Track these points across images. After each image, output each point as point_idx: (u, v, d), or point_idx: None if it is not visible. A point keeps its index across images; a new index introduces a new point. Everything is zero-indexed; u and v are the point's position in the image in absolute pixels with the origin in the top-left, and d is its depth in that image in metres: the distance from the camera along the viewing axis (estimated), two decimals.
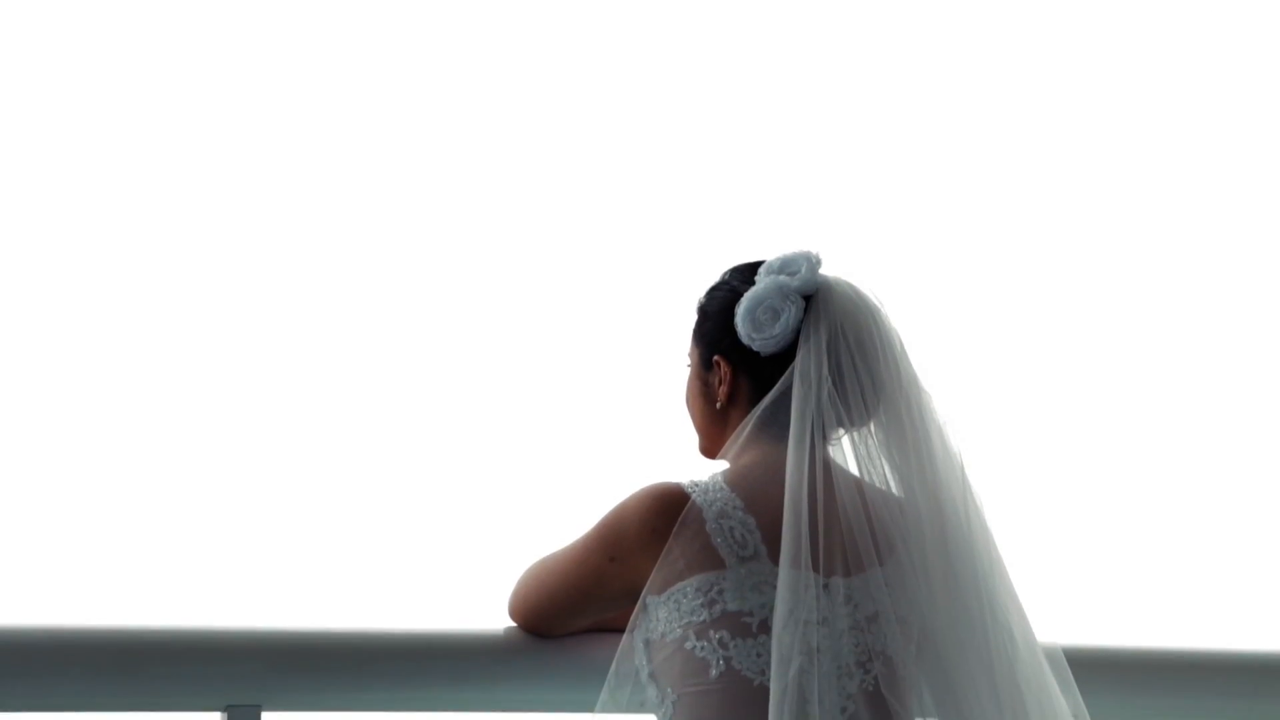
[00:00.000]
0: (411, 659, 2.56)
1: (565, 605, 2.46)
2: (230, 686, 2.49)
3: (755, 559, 2.30)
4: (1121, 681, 2.79)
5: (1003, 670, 2.29)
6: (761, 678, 2.27)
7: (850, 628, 2.28)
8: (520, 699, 2.59)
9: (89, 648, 2.47)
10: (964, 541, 2.33)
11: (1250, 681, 2.87)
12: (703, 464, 2.49)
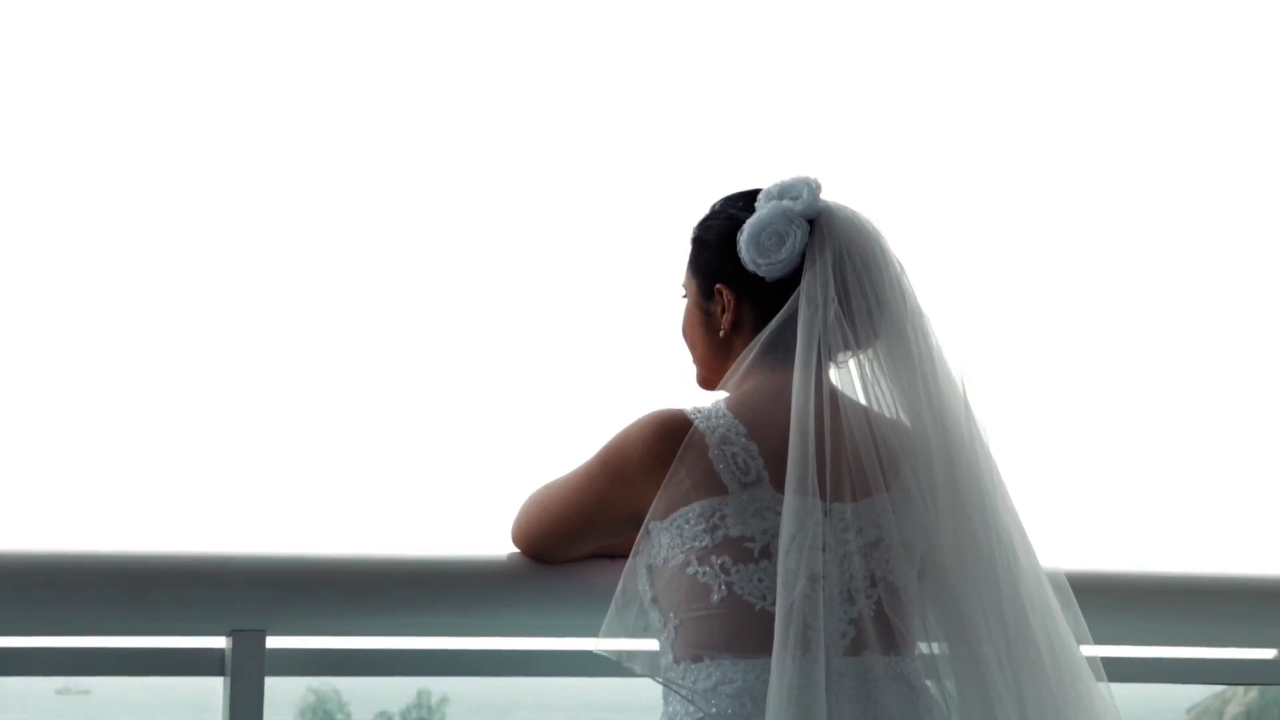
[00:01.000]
0: (415, 585, 2.57)
1: (568, 531, 2.47)
2: (235, 612, 2.51)
3: (757, 485, 2.30)
4: (1123, 606, 2.80)
5: (1008, 592, 2.30)
6: (763, 603, 2.28)
7: (853, 553, 2.29)
8: (524, 625, 2.60)
9: (95, 574, 2.48)
10: (969, 466, 2.33)
11: (1250, 605, 2.88)
12: (701, 395, 2.49)
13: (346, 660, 2.61)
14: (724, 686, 2.26)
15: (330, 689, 16.47)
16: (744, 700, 2.25)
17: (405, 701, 16.70)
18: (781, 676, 2.19)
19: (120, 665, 2.53)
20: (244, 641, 2.50)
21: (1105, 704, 2.34)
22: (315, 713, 16.44)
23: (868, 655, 2.27)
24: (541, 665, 2.69)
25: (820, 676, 2.19)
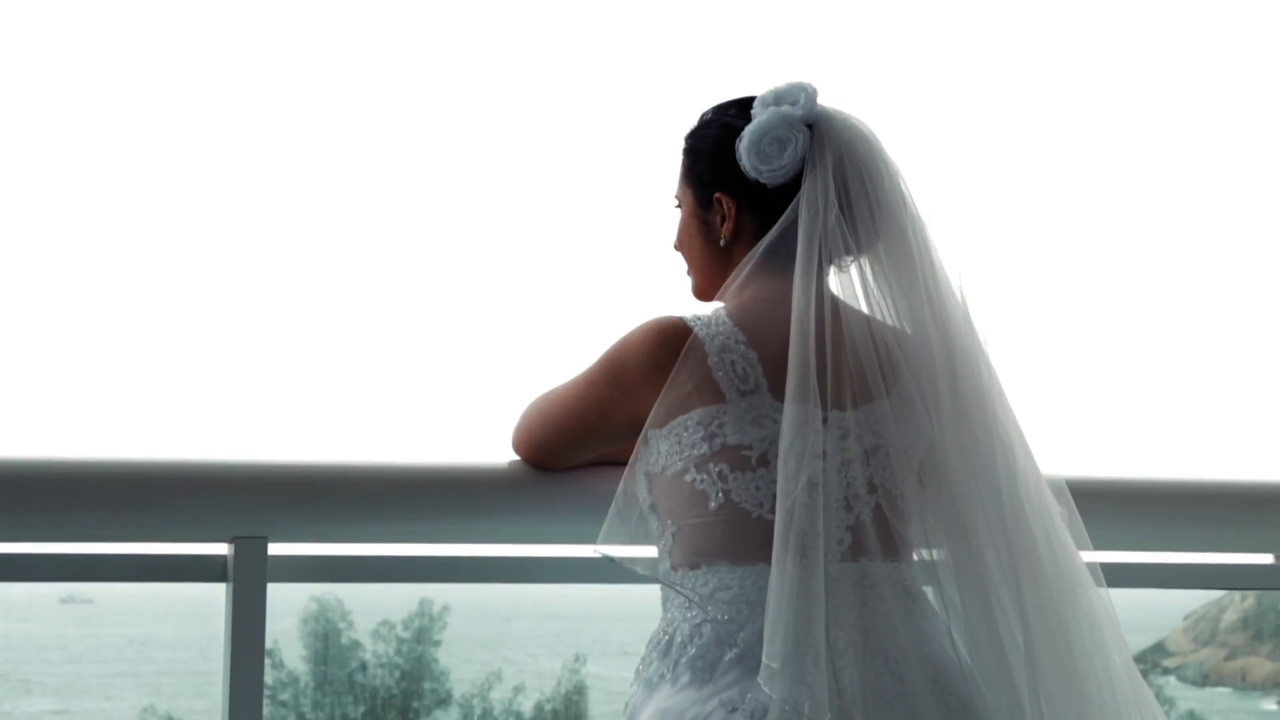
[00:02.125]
0: (416, 492, 2.58)
1: (568, 439, 2.47)
2: (237, 519, 2.52)
3: (756, 393, 2.30)
4: (1122, 512, 2.81)
5: (1008, 497, 2.30)
6: (760, 510, 2.28)
7: (852, 460, 2.29)
8: (524, 531, 2.61)
9: (98, 481, 2.49)
10: (970, 371, 2.33)
11: (1248, 511, 2.90)
12: (698, 305, 2.49)
13: (348, 567, 2.62)
14: (721, 593, 2.27)
15: (333, 598, 16.55)
16: (740, 606, 2.26)
17: (407, 611, 16.77)
18: (781, 582, 2.19)
19: (124, 571, 2.55)
20: (246, 548, 2.51)
21: (1104, 609, 2.35)
22: (318, 621, 16.51)
23: (864, 561, 2.28)
24: (542, 572, 2.71)
25: (819, 582, 2.20)
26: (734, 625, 2.26)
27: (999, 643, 2.27)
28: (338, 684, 16.31)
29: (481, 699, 16.37)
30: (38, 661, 19.46)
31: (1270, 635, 18.68)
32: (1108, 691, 2.29)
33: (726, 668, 2.24)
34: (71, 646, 19.60)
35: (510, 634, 18.68)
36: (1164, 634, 19.12)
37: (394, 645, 16.58)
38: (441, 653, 16.66)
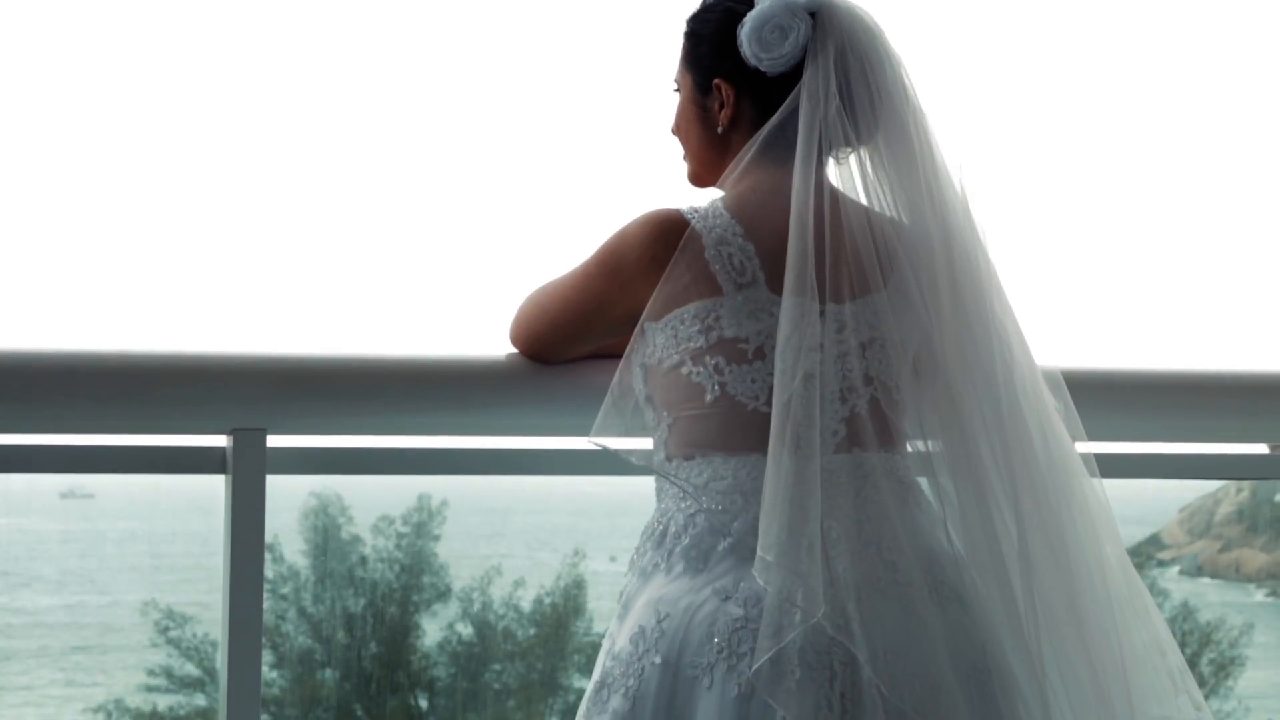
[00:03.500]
0: (414, 384, 2.59)
1: (566, 331, 2.47)
2: (236, 411, 2.53)
3: (753, 286, 2.30)
4: (1117, 402, 2.82)
5: (1004, 388, 2.31)
6: (755, 403, 2.29)
7: (848, 353, 2.29)
8: (521, 424, 2.62)
9: (97, 372, 2.50)
10: (968, 262, 2.33)
11: (1243, 401, 2.90)
12: (694, 193, 2.48)
13: (347, 459, 2.64)
14: (715, 483, 2.29)
15: (333, 493, 16.60)
16: (734, 496, 2.27)
17: (406, 506, 16.84)
18: (776, 475, 2.20)
19: (123, 463, 2.56)
20: (245, 440, 2.52)
21: (1098, 501, 2.36)
22: (318, 516, 16.59)
23: (859, 452, 2.28)
24: (539, 464, 2.72)
25: (815, 473, 2.21)
26: (727, 515, 2.27)
27: (992, 533, 2.29)
28: (338, 578, 16.39)
29: (481, 593, 16.46)
30: (38, 557, 19.56)
31: (1265, 528, 18.76)
32: (1100, 583, 2.30)
33: (720, 557, 2.26)
34: (72, 541, 19.69)
35: (509, 529, 18.77)
36: (1159, 527, 19.21)
37: (393, 540, 16.65)
38: (441, 547, 16.73)
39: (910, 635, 2.21)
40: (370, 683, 16.07)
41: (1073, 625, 2.27)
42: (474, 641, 16.36)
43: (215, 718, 3.50)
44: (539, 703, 16.25)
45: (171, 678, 16.06)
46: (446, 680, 16.22)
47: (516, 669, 16.40)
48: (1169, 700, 2.32)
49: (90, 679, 17.74)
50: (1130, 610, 2.33)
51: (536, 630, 16.49)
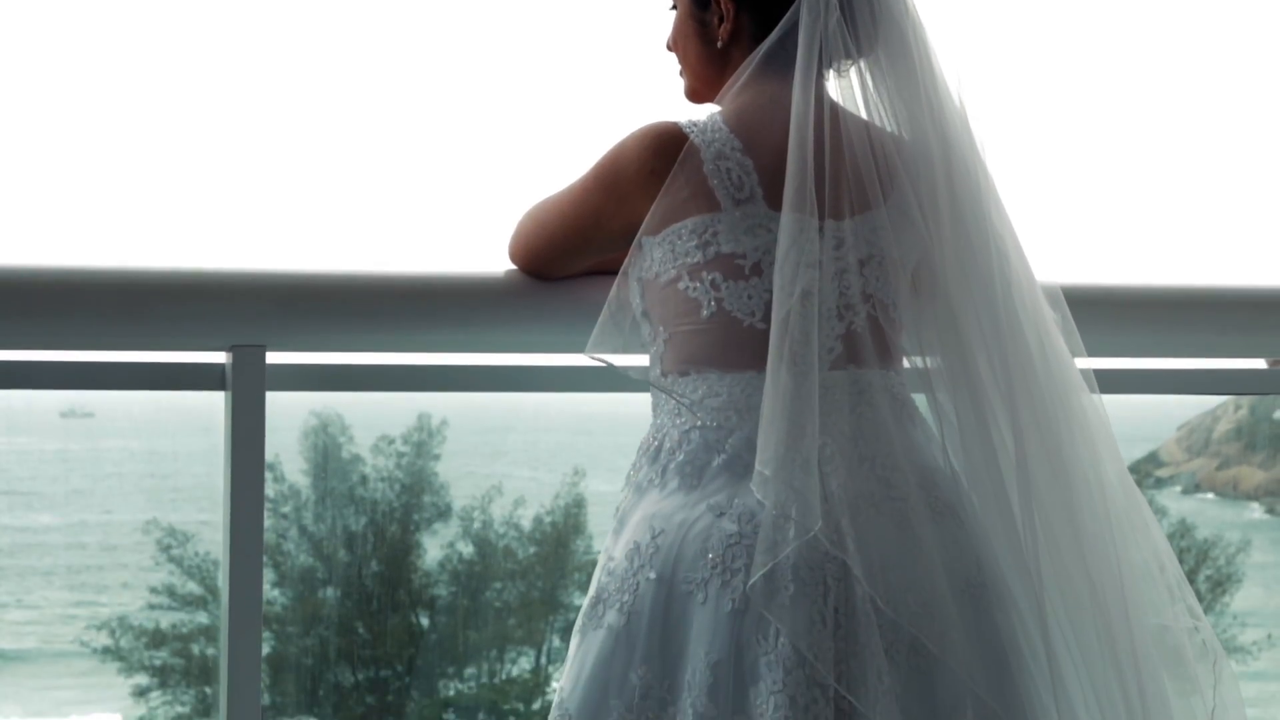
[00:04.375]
0: (413, 301, 2.59)
1: (564, 247, 2.47)
2: (235, 327, 2.52)
3: (751, 201, 2.29)
4: (1116, 318, 2.81)
5: (1003, 304, 2.30)
6: (752, 319, 2.29)
7: (846, 269, 2.29)
8: (520, 340, 2.62)
9: (96, 288, 2.49)
10: (967, 177, 2.32)
11: (1241, 317, 2.90)
12: (692, 109, 2.47)
13: (346, 376, 2.63)
14: (710, 400, 2.29)
15: (333, 413, 16.63)
16: (729, 412, 2.28)
17: (406, 425, 16.87)
18: (774, 390, 2.21)
19: (123, 379, 2.56)
20: (244, 357, 2.52)
21: (1097, 416, 2.36)
22: (318, 435, 16.62)
23: (855, 369, 2.28)
24: (538, 381, 2.72)
25: (812, 390, 2.21)
26: (722, 432, 2.27)
27: (990, 449, 2.29)
28: (338, 497, 16.45)
29: (482, 511, 16.52)
30: (39, 476, 19.61)
31: (1262, 445, 18.80)
32: (1098, 498, 2.31)
33: (714, 473, 2.26)
34: (73, 460, 19.73)
35: (509, 448, 18.82)
36: (1157, 445, 19.25)
37: (393, 459, 16.69)
38: (441, 466, 16.78)
39: (904, 550, 2.22)
40: (371, 601, 16.15)
41: (1071, 539, 2.28)
42: (474, 560, 16.43)
43: (218, 635, 3.52)
44: (539, 620, 16.34)
45: (174, 596, 16.14)
46: (447, 598, 16.30)
47: (517, 587, 16.47)
48: (1166, 610, 2.33)
49: (93, 597, 17.83)
50: (1129, 525, 2.33)
51: (537, 549, 16.56)
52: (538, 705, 15.67)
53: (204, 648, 15.89)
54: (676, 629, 2.21)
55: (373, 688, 15.92)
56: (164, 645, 16.01)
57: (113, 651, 16.14)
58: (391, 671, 15.95)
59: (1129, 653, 2.24)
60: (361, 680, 15.91)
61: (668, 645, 2.21)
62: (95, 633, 16.45)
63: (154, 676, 15.96)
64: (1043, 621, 2.23)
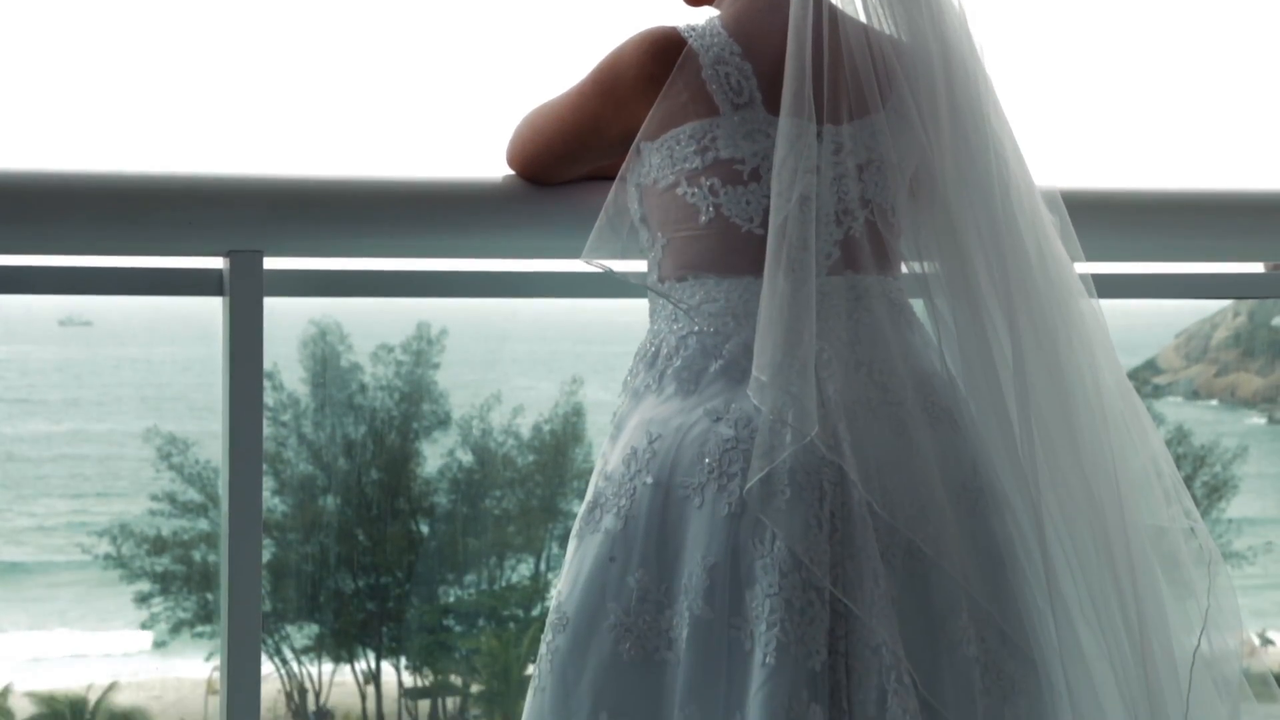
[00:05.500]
0: (411, 207, 2.58)
1: (562, 152, 2.46)
2: (232, 232, 2.52)
3: (750, 106, 2.29)
4: (1115, 222, 2.81)
5: (1002, 208, 2.30)
6: (749, 225, 2.29)
7: (844, 175, 2.29)
8: (517, 246, 2.61)
9: (92, 193, 2.49)
10: (967, 82, 2.31)
11: (1240, 220, 2.90)
12: (691, 13, 2.46)
13: (344, 281, 2.63)
14: (707, 305, 2.29)
15: (332, 321, 16.65)
16: (726, 318, 2.28)
17: (405, 334, 16.89)
18: (771, 296, 2.21)
19: (120, 284, 2.55)
20: (241, 262, 2.52)
21: (1096, 321, 2.36)
22: (316, 344, 16.64)
23: (852, 275, 2.28)
24: (536, 286, 2.72)
25: (810, 295, 2.21)
26: (719, 338, 2.27)
27: (988, 354, 2.29)
28: (337, 406, 16.49)
29: (481, 420, 16.56)
30: (38, 384, 19.64)
31: (1260, 351, 18.83)
32: (1095, 403, 2.31)
33: (711, 379, 2.27)
34: (72, 369, 19.76)
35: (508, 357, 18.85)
36: (1155, 352, 19.28)
37: (393, 368, 16.72)
38: (440, 375, 16.81)
39: (901, 455, 2.23)
40: (371, 508, 16.23)
41: (1068, 444, 2.29)
42: (474, 468, 16.50)
43: (218, 542, 3.54)
44: (538, 528, 16.42)
45: (175, 503, 16.21)
46: (447, 506, 16.37)
47: (516, 495, 16.55)
48: (1162, 511, 2.34)
49: (93, 505, 17.90)
50: (1126, 430, 2.34)
51: (536, 457, 16.62)
52: (537, 611, 15.77)
53: (205, 554, 15.97)
54: (673, 533, 2.22)
55: (373, 594, 16.01)
56: (165, 552, 16.09)
57: (114, 559, 16.23)
58: (391, 578, 16.04)
59: (1125, 557, 2.25)
60: (362, 587, 16.00)
61: (664, 549, 2.22)
62: (96, 540, 16.54)
63: (155, 583, 16.05)
64: (1039, 526, 2.23)
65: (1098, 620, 2.25)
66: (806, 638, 2.14)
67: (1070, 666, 2.23)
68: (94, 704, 15.03)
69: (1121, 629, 2.23)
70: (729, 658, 2.17)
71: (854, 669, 2.16)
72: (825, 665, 2.15)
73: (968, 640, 2.19)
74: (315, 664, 15.79)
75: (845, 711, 2.15)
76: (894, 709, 2.13)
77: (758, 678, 2.14)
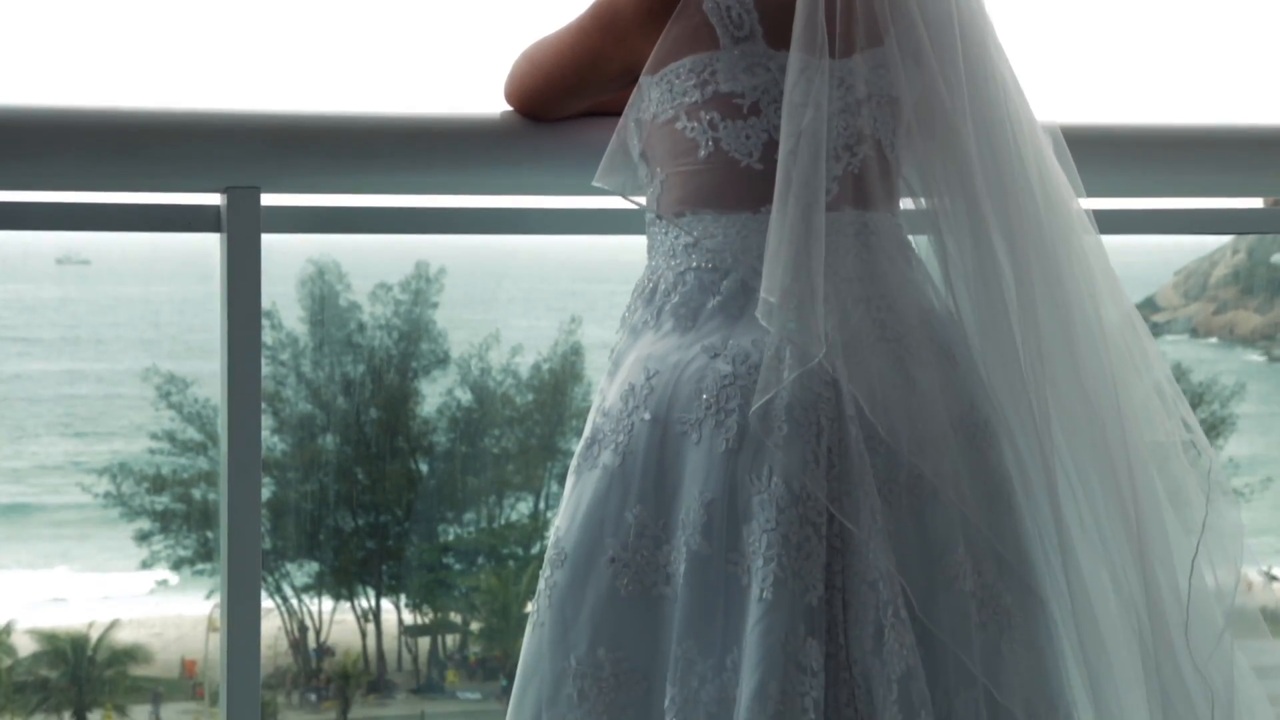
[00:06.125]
0: (408, 143, 2.57)
1: (561, 88, 2.45)
2: (229, 168, 2.51)
3: (750, 40, 2.28)
4: (1116, 158, 2.80)
5: (1004, 142, 2.29)
6: (749, 159, 2.28)
7: (848, 108, 2.28)
8: (517, 183, 2.61)
9: (90, 128, 2.48)
10: (972, 13, 2.30)
11: (1240, 155, 2.89)
12: None
13: (342, 218, 2.63)
14: (705, 241, 2.28)
15: (330, 260, 16.65)
16: (724, 254, 2.27)
17: (404, 273, 16.89)
18: (780, 224, 2.20)
19: (118, 220, 2.55)
20: (239, 198, 2.51)
21: (1098, 255, 2.36)
22: (315, 283, 16.64)
23: (853, 209, 2.28)
24: (535, 223, 2.71)
25: (818, 224, 2.20)
26: (717, 274, 2.27)
27: (991, 289, 2.28)
28: (336, 345, 16.50)
29: (480, 359, 16.59)
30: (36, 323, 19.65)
31: (1259, 289, 18.83)
32: (1098, 335, 2.31)
33: (709, 315, 2.26)
34: (70, 308, 19.76)
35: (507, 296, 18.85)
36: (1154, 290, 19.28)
37: (391, 307, 16.74)
38: (439, 314, 16.83)
39: (900, 390, 2.23)
40: (370, 447, 16.26)
41: (1071, 378, 2.28)
42: (473, 407, 16.53)
43: (218, 481, 3.55)
44: (537, 466, 16.46)
45: (174, 441, 16.25)
46: (446, 445, 16.41)
47: (515, 434, 16.58)
48: (1161, 425, 2.33)
49: (93, 444, 17.94)
50: (1130, 361, 2.34)
51: (534, 396, 16.65)
52: (536, 549, 15.83)
53: (205, 493, 16.02)
54: (671, 469, 2.22)
55: (372, 532, 16.07)
56: (165, 490, 16.14)
57: (114, 497, 16.28)
58: (391, 516, 16.09)
59: (1129, 483, 2.26)
60: (361, 525, 16.06)
61: (662, 485, 2.22)
62: (96, 478, 16.58)
63: (155, 521, 16.11)
64: (1044, 457, 2.24)
65: (1103, 547, 2.25)
66: (803, 572, 2.15)
67: (1076, 595, 2.24)
68: (95, 641, 15.11)
69: (1128, 555, 2.24)
70: (726, 593, 2.18)
71: (851, 604, 2.17)
72: (822, 600, 2.16)
73: (964, 575, 2.20)
74: (316, 601, 15.86)
75: (842, 646, 2.16)
76: (890, 643, 2.14)
77: (754, 612, 2.14)
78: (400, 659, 15.72)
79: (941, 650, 2.19)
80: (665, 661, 2.20)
